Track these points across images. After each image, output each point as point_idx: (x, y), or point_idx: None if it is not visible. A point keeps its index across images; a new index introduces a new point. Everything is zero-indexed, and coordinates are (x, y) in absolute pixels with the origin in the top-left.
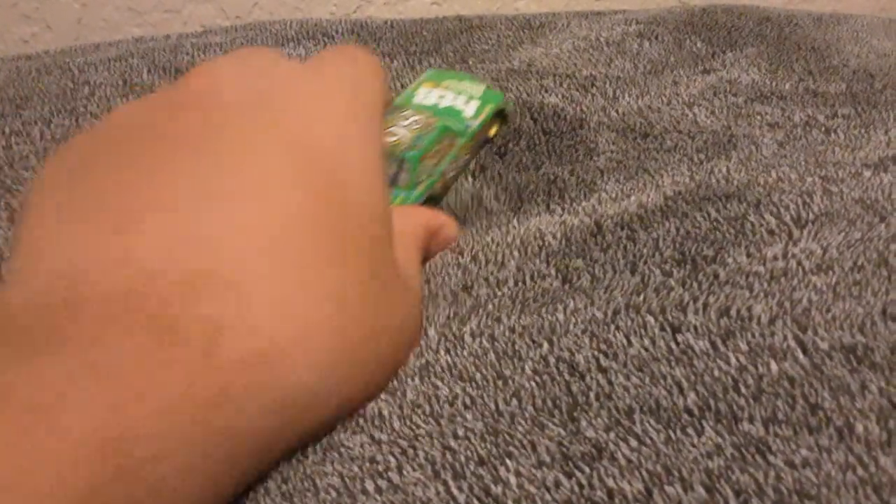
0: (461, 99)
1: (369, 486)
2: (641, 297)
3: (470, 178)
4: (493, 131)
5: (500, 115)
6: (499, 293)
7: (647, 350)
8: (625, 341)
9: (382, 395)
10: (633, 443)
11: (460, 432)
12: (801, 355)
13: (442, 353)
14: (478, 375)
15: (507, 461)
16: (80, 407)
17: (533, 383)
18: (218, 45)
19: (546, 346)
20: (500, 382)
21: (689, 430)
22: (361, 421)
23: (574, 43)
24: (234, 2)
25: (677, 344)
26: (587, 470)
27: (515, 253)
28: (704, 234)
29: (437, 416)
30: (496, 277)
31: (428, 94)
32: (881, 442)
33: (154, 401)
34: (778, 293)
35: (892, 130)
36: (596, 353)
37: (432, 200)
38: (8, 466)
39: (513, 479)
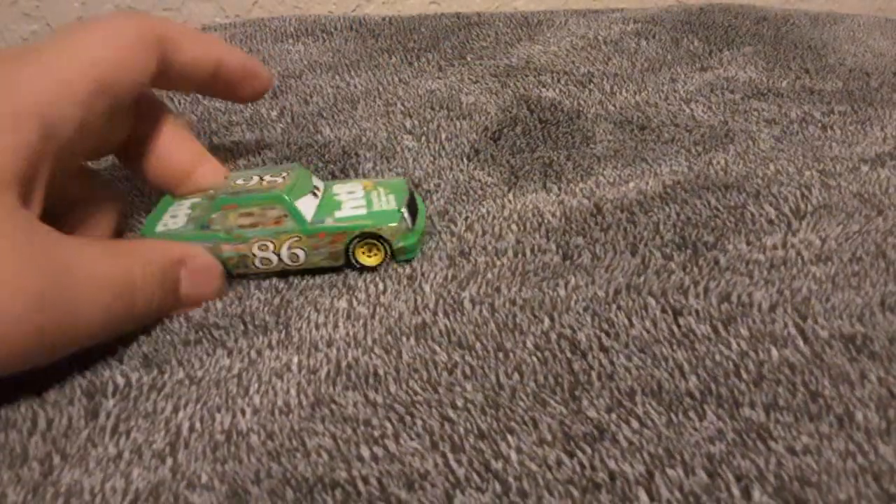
0: (355, 200)
1: (364, 452)
2: (642, 279)
3: (465, 159)
4: (367, 258)
5: (372, 243)
6: (498, 262)
7: (648, 332)
8: (626, 322)
9: (376, 350)
10: (635, 424)
11: (459, 403)
12: (801, 343)
13: (440, 315)
14: (478, 345)
15: (509, 437)
16: None
17: (534, 358)
18: None
19: (547, 321)
20: (500, 355)
21: (691, 414)
22: (353, 376)
23: (572, 41)
24: (234, 0)
25: (679, 327)
26: (589, 450)
27: (514, 226)
28: (704, 221)
29: (435, 383)
30: (494, 247)
31: (346, 188)
32: (880, 430)
33: None
34: (778, 281)
35: (888, 127)
36: (598, 331)
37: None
38: None
39: (514, 456)
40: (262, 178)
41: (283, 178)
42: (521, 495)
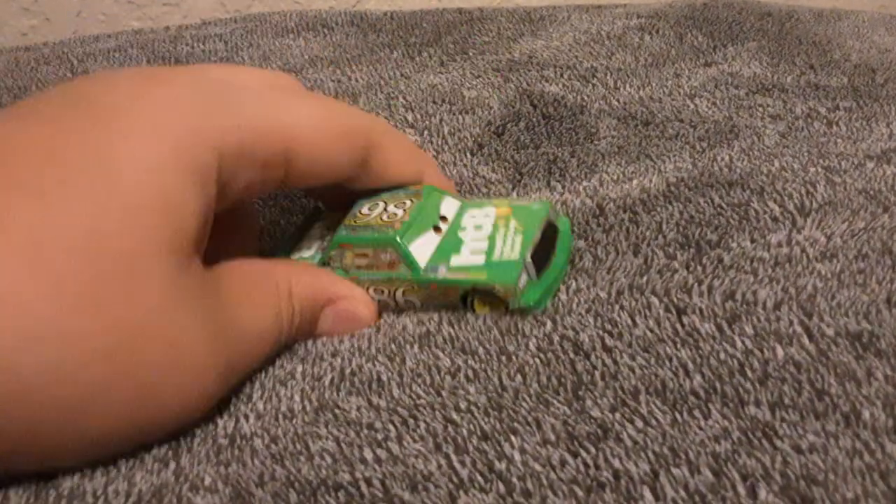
0: (478, 241)
1: (367, 454)
2: (645, 279)
3: (468, 154)
4: (477, 307)
5: (490, 296)
6: None
7: (652, 331)
8: (630, 321)
9: (380, 358)
10: (639, 424)
11: (462, 405)
12: (806, 341)
13: (444, 324)
14: (481, 349)
15: (512, 437)
16: None
17: (537, 360)
18: (218, 35)
19: (550, 324)
20: (503, 358)
21: (696, 413)
22: (357, 382)
23: (575, 36)
24: None
25: (682, 326)
26: (593, 450)
27: None
28: (708, 219)
29: (438, 386)
30: None
31: (477, 216)
32: (887, 429)
33: None
34: (783, 279)
35: (894, 123)
36: (601, 332)
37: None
38: None
39: (517, 456)
40: (385, 207)
41: (405, 209)
42: (525, 495)
